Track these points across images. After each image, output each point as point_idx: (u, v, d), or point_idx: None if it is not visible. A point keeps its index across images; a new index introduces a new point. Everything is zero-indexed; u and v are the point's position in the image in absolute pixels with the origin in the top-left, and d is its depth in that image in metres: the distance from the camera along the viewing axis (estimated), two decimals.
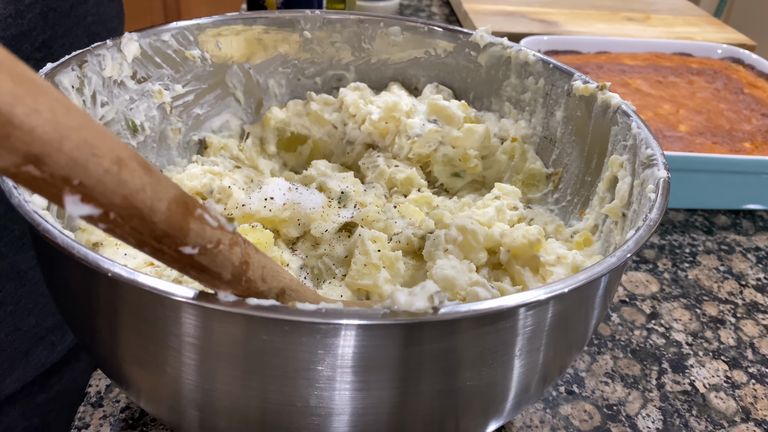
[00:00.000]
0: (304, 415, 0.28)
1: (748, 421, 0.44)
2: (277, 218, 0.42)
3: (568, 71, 0.47)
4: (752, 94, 0.75)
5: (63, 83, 0.39)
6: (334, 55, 0.55)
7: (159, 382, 0.29)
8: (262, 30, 0.52)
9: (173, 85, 0.49)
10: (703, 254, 0.61)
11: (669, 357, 0.49)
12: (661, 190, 0.34)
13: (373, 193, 0.47)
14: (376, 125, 0.51)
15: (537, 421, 0.43)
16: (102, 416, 0.41)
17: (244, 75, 0.53)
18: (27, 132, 0.16)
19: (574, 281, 0.27)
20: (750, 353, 0.50)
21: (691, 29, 1.00)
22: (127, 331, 0.28)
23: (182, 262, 0.22)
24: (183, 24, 0.48)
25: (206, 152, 0.52)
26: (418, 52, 0.54)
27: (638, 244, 0.30)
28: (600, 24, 0.99)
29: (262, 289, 0.26)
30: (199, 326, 0.26)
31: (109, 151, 0.18)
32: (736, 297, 0.56)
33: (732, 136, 0.67)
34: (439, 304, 0.24)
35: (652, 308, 0.54)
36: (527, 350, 0.29)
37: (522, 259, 0.40)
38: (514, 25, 0.95)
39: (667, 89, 0.76)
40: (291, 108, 0.54)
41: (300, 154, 0.55)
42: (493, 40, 0.51)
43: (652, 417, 0.44)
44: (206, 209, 0.23)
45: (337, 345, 0.25)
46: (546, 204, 0.49)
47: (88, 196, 0.18)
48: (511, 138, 0.51)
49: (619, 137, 0.42)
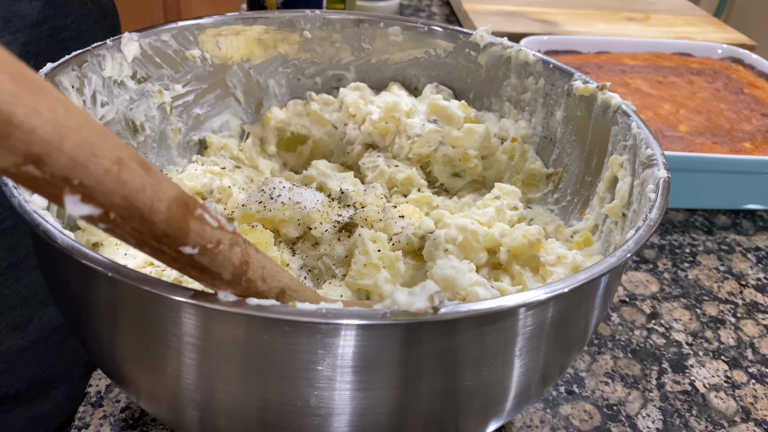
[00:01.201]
0: (304, 415, 0.28)
1: (748, 421, 0.44)
2: (277, 218, 0.42)
3: (568, 71, 0.47)
4: (752, 94, 0.75)
5: (63, 83, 0.39)
6: (334, 55, 0.55)
7: (159, 382, 0.29)
8: (262, 30, 0.52)
9: (173, 85, 0.49)
10: (703, 254, 0.61)
11: (669, 357, 0.49)
12: (661, 190, 0.34)
13: (373, 193, 0.47)
14: (376, 125, 0.51)
15: (537, 421, 0.43)
16: (102, 416, 0.41)
17: (244, 75, 0.53)
18: (27, 132, 0.16)
19: (574, 281, 0.27)
20: (750, 353, 0.50)
21: (691, 29, 1.00)
22: (127, 331, 0.28)
23: (182, 262, 0.22)
24: (183, 24, 0.48)
25: (206, 152, 0.52)
26: (418, 52, 0.54)
27: (638, 244, 0.30)
28: (600, 24, 0.99)
29: (262, 289, 0.26)
30: (199, 326, 0.26)
31: (109, 151, 0.18)
32: (736, 297, 0.56)
33: (732, 136, 0.67)
34: (439, 304, 0.24)
35: (652, 308, 0.54)
36: (527, 350, 0.29)
37: (522, 259, 0.40)
38: (514, 25, 0.95)
39: (667, 89, 0.76)
40: (291, 108, 0.54)
41: (300, 154, 0.55)
42: (493, 40, 0.51)
43: (652, 417, 0.44)
44: (206, 209, 0.23)
45: (337, 345, 0.25)
46: (546, 204, 0.49)
47: (88, 196, 0.18)
48: (511, 138, 0.51)
49: (619, 137, 0.42)
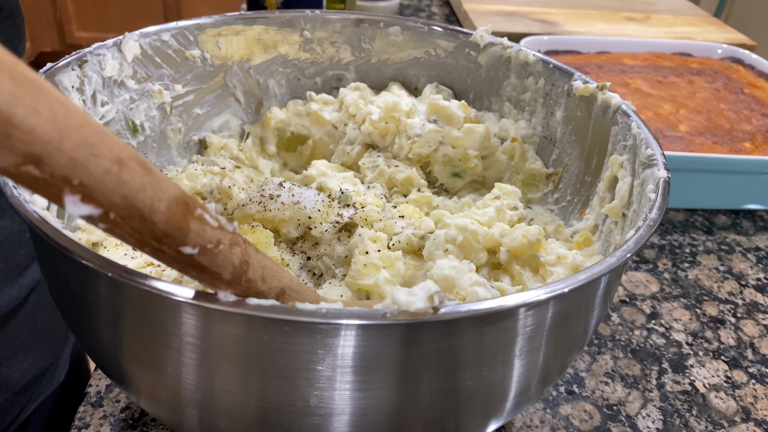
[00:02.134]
0: (304, 415, 0.28)
1: (748, 421, 0.44)
2: (277, 218, 0.42)
3: (568, 71, 0.47)
4: (752, 94, 0.75)
5: (63, 83, 0.39)
6: (334, 55, 0.55)
7: (159, 382, 0.29)
8: (262, 30, 0.52)
9: (173, 85, 0.49)
10: (703, 254, 0.61)
11: (669, 357, 0.49)
12: (661, 190, 0.34)
13: (373, 193, 0.47)
14: (376, 125, 0.51)
15: (537, 421, 0.43)
16: (102, 416, 0.41)
17: (244, 75, 0.53)
18: (27, 132, 0.16)
19: (574, 281, 0.27)
20: (750, 353, 0.50)
21: (691, 29, 1.00)
22: (127, 331, 0.28)
23: (182, 262, 0.22)
24: (183, 24, 0.48)
25: (206, 152, 0.52)
26: (418, 52, 0.54)
27: (638, 244, 0.30)
28: (600, 24, 0.99)
29: (262, 289, 0.26)
30: (199, 326, 0.26)
31: (109, 151, 0.18)
32: (736, 297, 0.56)
33: (732, 136, 0.67)
34: (439, 304, 0.24)
35: (652, 308, 0.54)
36: (527, 350, 0.29)
37: (522, 259, 0.40)
38: (514, 25, 0.95)
39: (667, 89, 0.76)
40: (291, 108, 0.54)
41: (300, 154, 0.55)
42: (493, 40, 0.51)
43: (652, 417, 0.44)
44: (206, 209, 0.23)
45: (337, 345, 0.25)
46: (546, 204, 0.49)
47: (88, 196, 0.18)
48: (511, 138, 0.51)
49: (619, 137, 0.42)
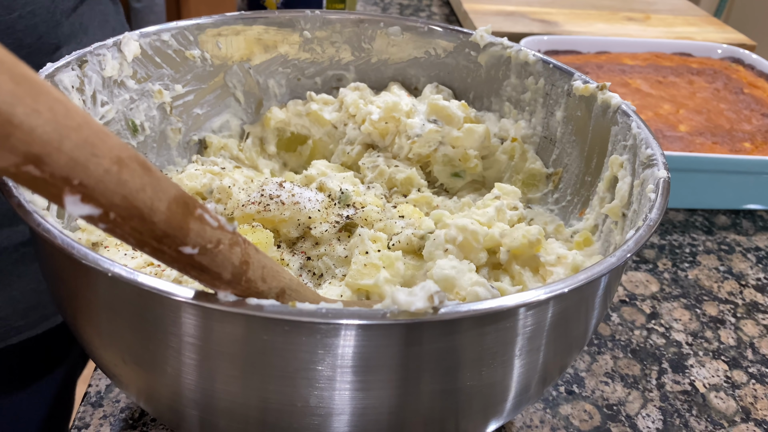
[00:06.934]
0: (304, 415, 0.28)
1: (748, 421, 0.44)
2: (277, 218, 0.42)
3: (568, 71, 0.47)
4: (752, 94, 0.75)
5: (63, 83, 0.39)
6: (334, 55, 0.55)
7: (159, 382, 0.29)
8: (262, 30, 0.52)
9: (173, 85, 0.49)
10: (703, 254, 0.61)
11: (669, 357, 0.49)
12: (661, 190, 0.34)
13: (373, 193, 0.47)
14: (376, 125, 0.51)
15: (537, 421, 0.43)
16: (102, 416, 0.41)
17: (244, 75, 0.53)
18: (27, 132, 0.16)
19: (574, 281, 0.27)
20: (750, 353, 0.50)
21: (691, 29, 1.00)
22: (127, 331, 0.28)
23: (182, 262, 0.22)
24: (183, 24, 0.48)
25: (206, 152, 0.52)
26: (418, 52, 0.54)
27: (638, 244, 0.30)
28: (600, 24, 0.99)
29: (262, 289, 0.26)
30: (199, 326, 0.26)
31: (109, 151, 0.18)
32: (736, 297, 0.56)
33: (732, 136, 0.67)
34: (439, 304, 0.24)
35: (652, 308, 0.54)
36: (527, 350, 0.29)
37: (522, 259, 0.40)
38: (514, 25, 0.95)
39: (667, 89, 0.76)
40: (291, 108, 0.54)
41: (300, 154, 0.55)
42: (493, 40, 0.51)
43: (652, 417, 0.44)
44: (206, 209, 0.23)
45: (337, 345, 0.25)
46: (546, 204, 0.49)
47: (88, 196, 0.18)
48: (511, 138, 0.51)
49: (619, 137, 0.42)
